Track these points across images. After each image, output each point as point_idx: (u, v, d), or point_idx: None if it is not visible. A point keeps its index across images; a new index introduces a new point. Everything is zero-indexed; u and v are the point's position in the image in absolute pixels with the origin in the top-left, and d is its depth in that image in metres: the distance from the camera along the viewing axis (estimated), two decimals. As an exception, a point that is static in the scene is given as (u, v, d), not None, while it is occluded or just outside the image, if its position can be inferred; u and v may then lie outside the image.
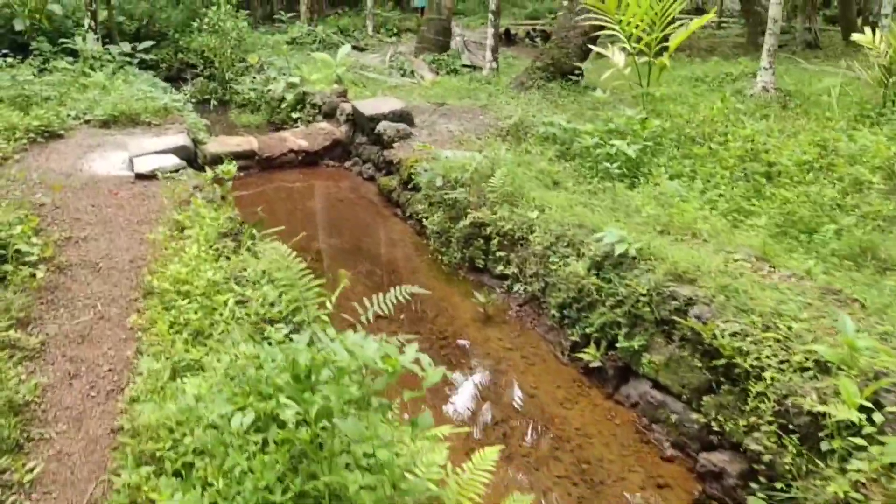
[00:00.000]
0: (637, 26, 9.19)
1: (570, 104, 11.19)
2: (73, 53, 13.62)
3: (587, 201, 6.88)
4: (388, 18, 23.32)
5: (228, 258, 5.34)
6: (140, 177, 7.96)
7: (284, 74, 13.49)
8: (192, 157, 8.93)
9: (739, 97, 11.85)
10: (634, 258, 5.33)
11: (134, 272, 5.60)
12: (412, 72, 15.42)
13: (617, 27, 9.26)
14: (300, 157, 10.79)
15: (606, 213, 6.46)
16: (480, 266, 7.06)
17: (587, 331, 5.40)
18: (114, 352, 4.43)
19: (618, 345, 5.14)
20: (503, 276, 6.70)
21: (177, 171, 8.11)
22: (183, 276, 4.85)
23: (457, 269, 7.24)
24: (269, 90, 13.61)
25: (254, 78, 15.37)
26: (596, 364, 5.25)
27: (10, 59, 11.33)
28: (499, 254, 6.75)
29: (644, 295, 5.05)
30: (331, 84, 13.22)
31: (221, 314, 4.37)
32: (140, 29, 17.57)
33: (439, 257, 7.50)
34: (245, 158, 10.50)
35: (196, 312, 4.40)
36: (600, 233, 5.60)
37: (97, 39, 13.94)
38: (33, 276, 5.35)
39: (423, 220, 8.00)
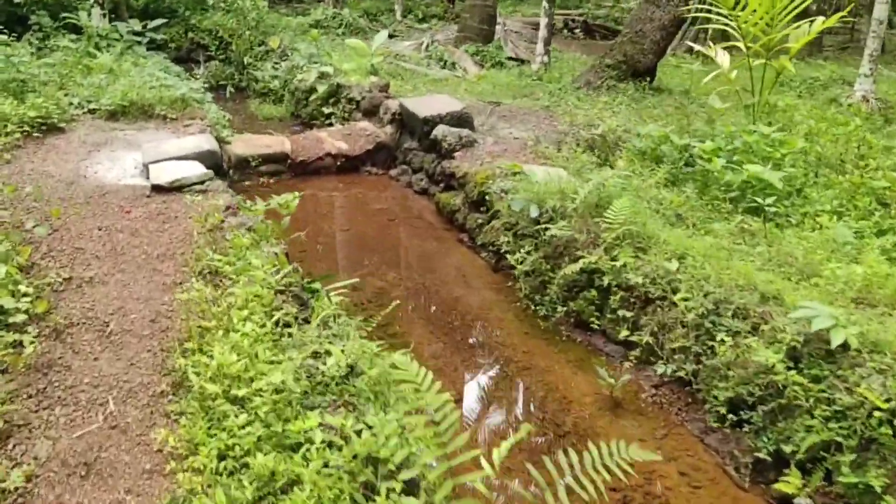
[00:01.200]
0: (756, 24, 7.63)
1: (655, 111, 9.63)
2: (77, 30, 12.00)
3: (733, 247, 5.38)
4: (416, 2, 21.66)
5: (291, 334, 3.82)
6: (158, 189, 6.42)
7: (316, 63, 11.89)
8: (219, 164, 7.38)
9: (835, 107, 10.33)
10: (856, 350, 3.84)
11: (157, 340, 4.10)
12: (453, 64, 13.82)
13: (733, 23, 7.70)
14: (339, 163, 9.25)
15: (772, 268, 4.96)
16: (593, 325, 5.55)
17: (785, 448, 3.90)
18: (134, 499, 2.92)
19: (839, 478, 3.65)
20: (628, 344, 5.19)
21: (202, 183, 6.56)
22: (234, 370, 3.33)
23: (556, 325, 5.73)
24: (296, 79, 12.01)
25: (275, 64, 13.76)
26: (804, 502, 3.75)
27: (4, 37, 9.70)
28: (621, 313, 5.24)
29: (882, 409, 3.56)
30: (366, 75, 11.65)
31: (306, 458, 2.84)
32: (148, 4, 15.89)
33: (531, 306, 5.99)
34: (275, 162, 8.97)
35: (261, 446, 2.88)
36: (796, 309, 4.10)
37: (103, 15, 12.32)
38: (19, 347, 3.84)
39: (506, 254, 6.49)
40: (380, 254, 7.17)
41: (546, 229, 6.03)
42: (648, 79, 11.35)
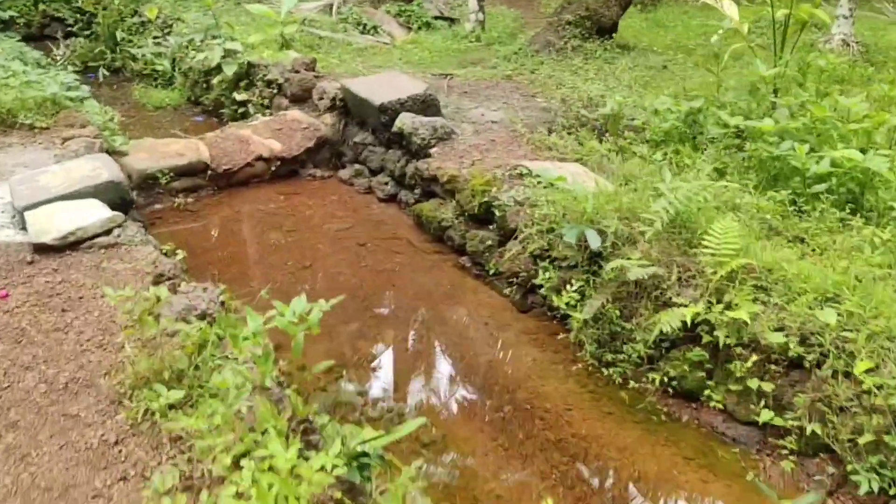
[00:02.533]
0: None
1: (639, 73, 8.13)
2: None
3: (878, 270, 4.02)
4: (306, -45, 19.15)
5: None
6: (44, 250, 4.39)
7: (216, 37, 9.60)
8: (125, 198, 5.29)
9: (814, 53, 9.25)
10: None
11: None
12: (375, 28, 11.82)
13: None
14: (273, 167, 7.26)
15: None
16: (702, 397, 4.08)
17: None
18: None
19: None
20: (767, 428, 3.75)
21: (109, 232, 4.55)
22: None
23: (644, 396, 4.22)
24: (192, 58, 9.72)
25: (157, 39, 11.34)
26: None
27: None
28: (754, 384, 3.78)
29: None
30: (279, 49, 9.57)
31: None
32: (-17, -29, 12.81)
33: (598, 368, 4.45)
34: (192, 175, 6.88)
35: None
36: None
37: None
38: None
39: (537, 289, 4.91)
40: (362, 301, 5.38)
41: (607, 261, 4.47)
42: (611, 35, 9.88)
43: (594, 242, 4.43)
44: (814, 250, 4.41)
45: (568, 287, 4.64)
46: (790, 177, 5.23)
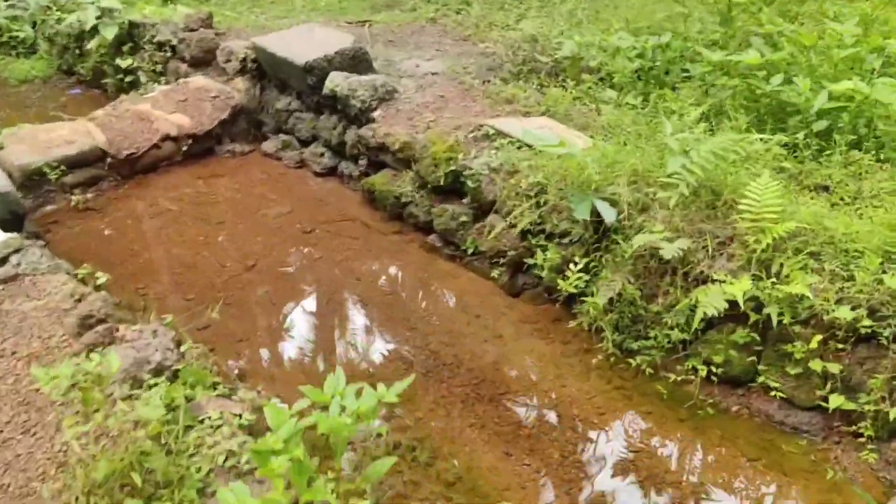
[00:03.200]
0: None
1: (592, 11, 7.45)
2: None
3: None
4: None
5: None
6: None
7: (85, -7, 8.13)
8: (17, 211, 4.19)
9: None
10: None
11: None
12: (267, -28, 10.51)
13: None
14: (184, 147, 6.18)
15: None
16: (751, 384, 3.59)
17: None
18: None
19: None
20: (842, 415, 3.31)
21: (5, 260, 3.55)
22: None
23: (676, 384, 3.70)
24: (59, 21, 8.26)
25: (11, 2, 9.64)
26: None
27: None
28: (815, 365, 3.31)
29: None
30: (161, 3, 8.28)
31: None
32: None
33: (621, 358, 3.89)
34: (87, 165, 5.73)
35: None
36: None
37: None
38: None
39: (530, 270, 4.28)
40: (326, 304, 4.58)
41: (621, 234, 3.86)
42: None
43: (609, 216, 3.80)
44: (842, 199, 3.94)
45: (572, 267, 4.01)
46: (785, 116, 4.75)
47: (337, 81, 5.80)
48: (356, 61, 6.12)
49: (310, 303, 4.55)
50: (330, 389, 1.85)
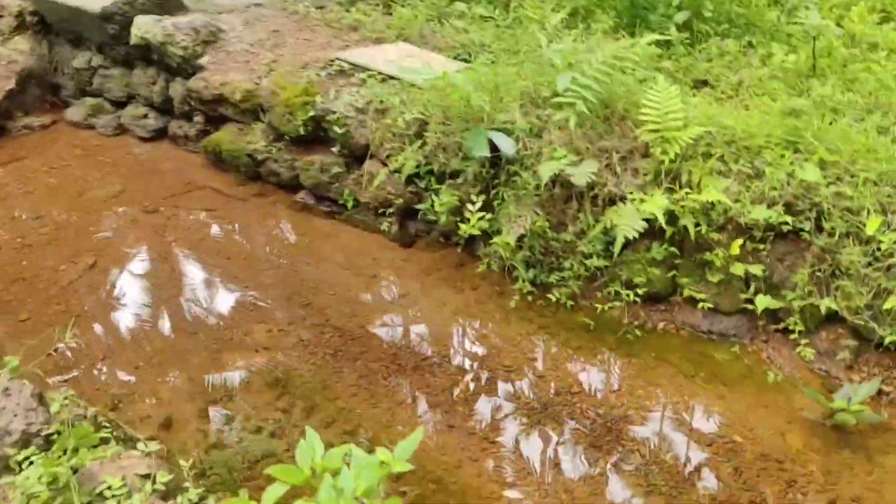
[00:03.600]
0: None
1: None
2: None
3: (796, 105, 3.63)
4: None
5: None
6: None
7: None
8: None
9: None
10: None
11: None
12: None
13: None
14: (-35, 130, 5.06)
15: None
16: (672, 298, 3.52)
17: None
18: None
19: None
20: (766, 315, 3.31)
21: None
22: None
23: (599, 313, 3.58)
24: None
25: None
26: None
27: None
28: (737, 270, 3.28)
29: None
30: None
31: None
32: None
33: (542, 296, 3.69)
34: None
35: None
36: None
37: None
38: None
39: (422, 216, 3.93)
40: (196, 295, 3.96)
41: (519, 165, 3.58)
42: None
43: (508, 148, 3.48)
44: (724, 93, 3.87)
45: (471, 207, 3.68)
46: (645, 13, 4.59)
47: (146, 27, 4.91)
48: (164, 0, 5.22)
49: (176, 297, 3.90)
50: (306, 463, 1.40)
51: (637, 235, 3.25)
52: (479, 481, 2.82)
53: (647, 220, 3.30)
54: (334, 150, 4.28)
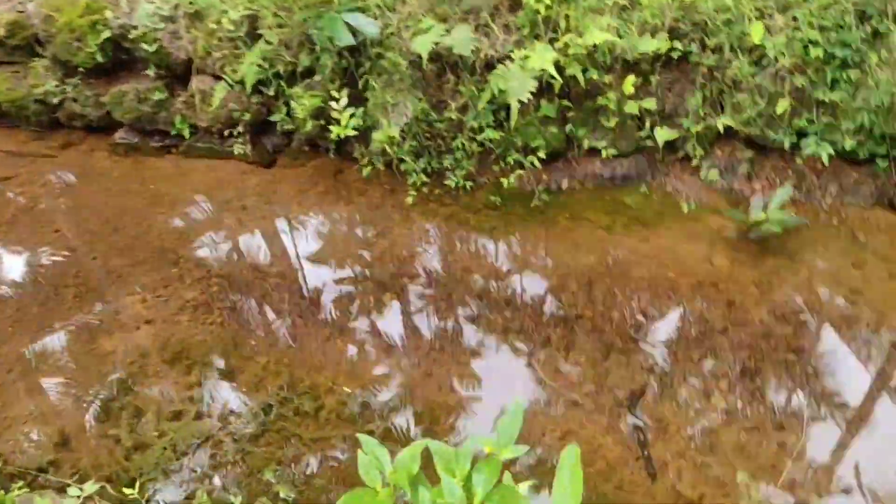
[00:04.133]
0: None
1: None
2: None
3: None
4: None
5: None
6: None
7: None
8: None
9: None
10: None
11: None
12: None
13: None
14: None
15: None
16: (570, 152, 3.38)
17: None
18: None
19: None
20: (664, 147, 3.28)
21: None
22: None
23: (503, 186, 3.40)
24: None
25: None
26: None
27: None
28: (631, 108, 3.18)
29: None
30: None
31: None
32: None
33: (438, 184, 3.43)
34: None
35: None
36: None
37: None
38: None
39: (309, 128, 3.45)
40: (39, 284, 3.27)
41: (387, 47, 3.17)
42: None
43: (371, 28, 3.03)
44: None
45: (336, 106, 3.26)
46: None
47: None
48: None
49: (15, 294, 3.20)
50: (376, 479, 1.04)
51: (530, 97, 3.01)
52: (439, 395, 2.62)
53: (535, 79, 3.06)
54: (149, 73, 3.59)
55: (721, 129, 3.10)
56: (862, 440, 2.38)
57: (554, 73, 2.96)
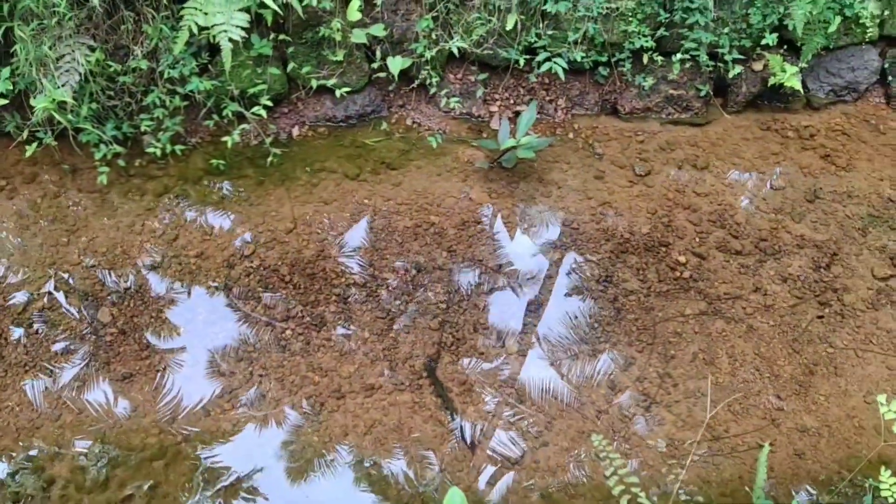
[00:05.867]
0: None
1: None
2: None
3: None
4: None
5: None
6: None
7: None
8: None
9: None
10: None
11: None
12: None
13: None
14: None
15: None
16: (308, 96, 2.90)
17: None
18: None
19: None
20: (399, 80, 2.96)
21: None
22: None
23: (251, 147, 2.85)
24: None
25: None
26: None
27: None
28: (358, 37, 2.80)
29: None
30: None
31: None
32: None
33: (149, 154, 2.75)
34: None
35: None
36: None
37: None
38: None
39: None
40: None
41: None
42: None
43: None
44: None
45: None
46: None
47: None
48: None
49: None
50: None
51: (245, 35, 2.45)
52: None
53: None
54: None
55: (456, 52, 2.85)
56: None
57: (271, 2, 2.42)
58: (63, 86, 2.39)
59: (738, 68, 3.03)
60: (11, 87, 2.43)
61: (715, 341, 2.49)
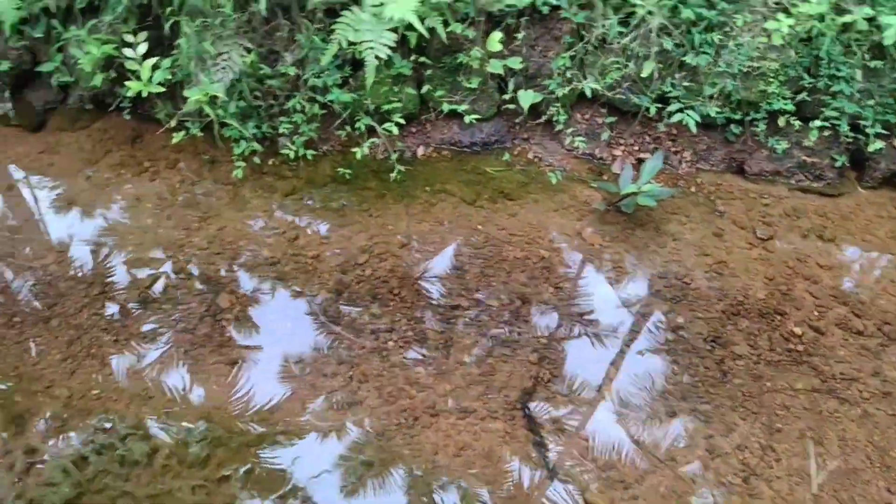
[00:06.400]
0: None
1: None
2: None
3: None
4: None
5: None
6: None
7: None
8: None
9: None
10: None
11: None
12: None
13: None
14: None
15: None
16: (443, 117, 2.98)
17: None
18: None
19: None
20: (519, 113, 3.00)
21: None
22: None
23: (346, 157, 2.95)
24: None
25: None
26: None
27: None
28: (494, 67, 2.85)
29: None
30: None
31: None
32: None
33: (273, 152, 2.88)
34: None
35: None
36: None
37: None
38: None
39: (105, 82, 2.69)
40: None
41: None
42: None
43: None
44: None
45: (130, 54, 2.56)
46: None
47: None
48: None
49: None
50: None
51: (390, 53, 2.54)
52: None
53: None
54: None
55: (588, 93, 2.87)
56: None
57: (417, 24, 2.51)
58: (217, 81, 2.54)
59: (880, 143, 2.91)
60: (170, 77, 2.60)
61: (825, 421, 2.36)
